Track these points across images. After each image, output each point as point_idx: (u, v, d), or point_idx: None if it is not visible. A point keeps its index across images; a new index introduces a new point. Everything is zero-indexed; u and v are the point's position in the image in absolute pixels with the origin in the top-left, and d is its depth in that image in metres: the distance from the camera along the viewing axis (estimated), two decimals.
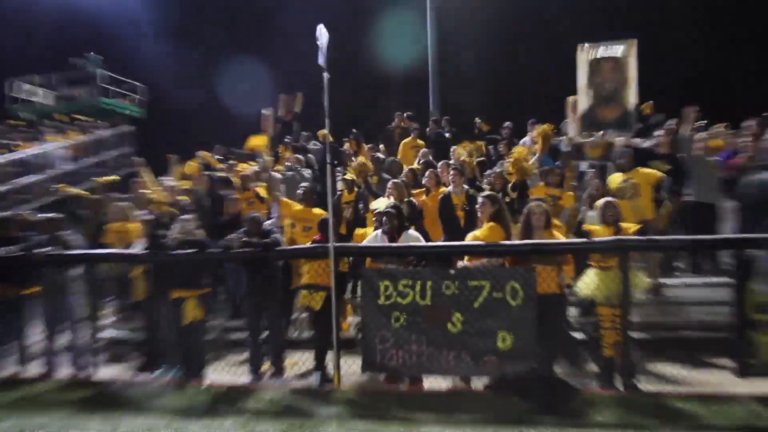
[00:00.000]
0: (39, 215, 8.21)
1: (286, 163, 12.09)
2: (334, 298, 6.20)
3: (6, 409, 5.77)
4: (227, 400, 5.86)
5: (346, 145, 13.40)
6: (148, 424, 5.13)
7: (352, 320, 7.59)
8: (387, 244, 6.41)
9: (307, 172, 11.78)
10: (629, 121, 9.60)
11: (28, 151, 17.08)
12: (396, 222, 6.49)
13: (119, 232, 9.05)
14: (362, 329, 6.27)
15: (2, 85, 22.86)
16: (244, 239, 6.46)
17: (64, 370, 7.18)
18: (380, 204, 7.27)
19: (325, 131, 12.91)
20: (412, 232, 6.61)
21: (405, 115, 14.48)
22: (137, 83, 24.59)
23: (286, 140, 14.09)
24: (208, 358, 7.21)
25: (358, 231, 7.50)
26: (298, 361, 7.35)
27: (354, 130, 13.73)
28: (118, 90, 23.94)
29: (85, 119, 20.47)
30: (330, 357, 6.49)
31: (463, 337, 5.96)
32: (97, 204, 9.92)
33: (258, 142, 13.12)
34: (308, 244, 6.65)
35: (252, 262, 6.70)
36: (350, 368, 6.42)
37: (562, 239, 6.26)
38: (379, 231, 6.58)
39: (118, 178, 15.55)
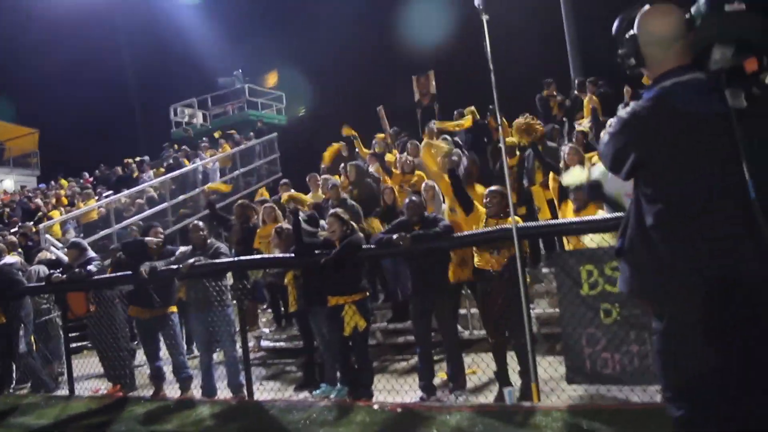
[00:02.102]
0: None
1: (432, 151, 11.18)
2: (523, 290, 4.87)
3: None
4: (404, 428, 4.75)
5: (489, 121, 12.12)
6: None
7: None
8: (580, 218, 4.97)
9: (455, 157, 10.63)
10: None
11: (184, 169, 17.59)
12: None
13: (269, 236, 8.37)
14: (562, 328, 4.92)
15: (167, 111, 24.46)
16: (413, 232, 5.31)
17: (221, 391, 6.50)
18: (574, 178, 5.77)
19: (472, 108, 11.58)
20: None
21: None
22: (278, 92, 24.94)
23: (431, 125, 13.16)
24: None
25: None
26: (476, 368, 6.15)
27: (491, 106, 12.41)
28: (263, 101, 24.51)
29: (235, 133, 20.92)
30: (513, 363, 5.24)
31: None
32: (245, 209, 9.31)
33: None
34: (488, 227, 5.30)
35: (418, 254, 5.53)
36: (546, 375, 5.14)
37: None
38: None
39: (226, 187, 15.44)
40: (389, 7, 21.64)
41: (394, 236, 5.30)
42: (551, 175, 7.39)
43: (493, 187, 5.61)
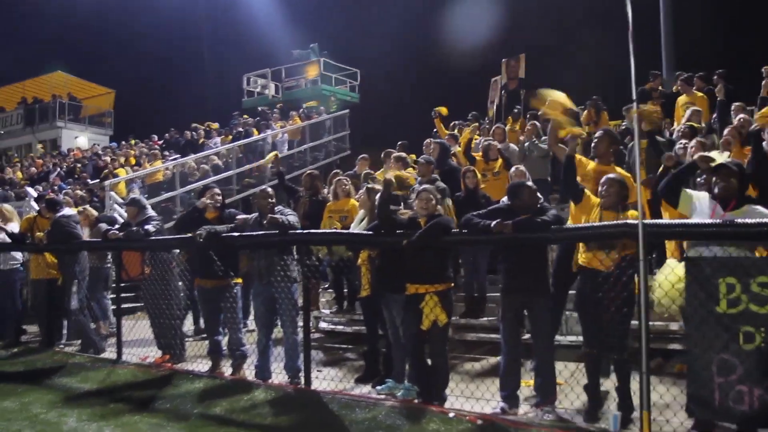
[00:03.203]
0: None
1: (521, 137, 10.47)
2: (644, 299, 4.07)
3: (210, 425, 4.53)
4: None
5: (584, 114, 11.24)
6: None
7: None
8: (728, 221, 4.09)
9: (544, 144, 9.80)
10: None
11: (252, 138, 17.28)
12: (735, 182, 4.19)
13: (340, 211, 7.80)
14: (689, 350, 4.10)
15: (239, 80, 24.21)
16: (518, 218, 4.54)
17: (275, 375, 5.94)
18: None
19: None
20: (759, 208, 4.21)
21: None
22: (353, 69, 24.36)
23: (515, 110, 12.36)
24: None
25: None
26: (565, 381, 5.36)
27: (594, 97, 11.57)
28: (337, 77, 23.99)
29: (308, 106, 20.45)
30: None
31: None
32: (314, 180, 8.70)
33: None
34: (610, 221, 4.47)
35: (519, 246, 4.75)
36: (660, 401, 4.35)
37: None
38: (706, 195, 4.34)
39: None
40: None
41: (492, 223, 4.53)
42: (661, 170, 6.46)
43: (611, 175, 4.79)
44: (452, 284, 5.11)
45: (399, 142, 11.05)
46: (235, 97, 24.17)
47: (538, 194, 4.84)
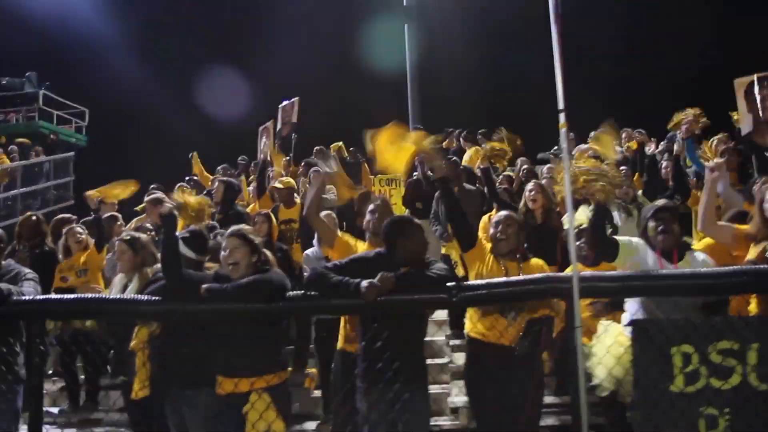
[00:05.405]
0: None
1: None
2: (582, 379, 2.88)
3: None
4: None
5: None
6: None
7: None
8: (672, 270, 3.14)
9: (331, 195, 8.70)
10: None
11: None
12: (676, 229, 3.34)
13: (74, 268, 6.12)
14: None
15: None
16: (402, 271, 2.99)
17: None
18: (582, 218, 3.91)
19: (340, 144, 9.77)
20: (699, 254, 3.39)
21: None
22: (80, 107, 21.10)
23: (287, 157, 11.23)
24: None
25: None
26: None
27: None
28: (60, 114, 20.52)
29: (21, 143, 16.87)
30: None
31: None
32: (39, 226, 6.53)
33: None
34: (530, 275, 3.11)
35: (399, 310, 3.21)
36: None
37: None
38: (641, 243, 3.38)
39: None
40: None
41: (364, 283, 2.96)
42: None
43: (504, 212, 3.62)
44: (289, 371, 3.40)
45: (152, 186, 9.15)
46: None
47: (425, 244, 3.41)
